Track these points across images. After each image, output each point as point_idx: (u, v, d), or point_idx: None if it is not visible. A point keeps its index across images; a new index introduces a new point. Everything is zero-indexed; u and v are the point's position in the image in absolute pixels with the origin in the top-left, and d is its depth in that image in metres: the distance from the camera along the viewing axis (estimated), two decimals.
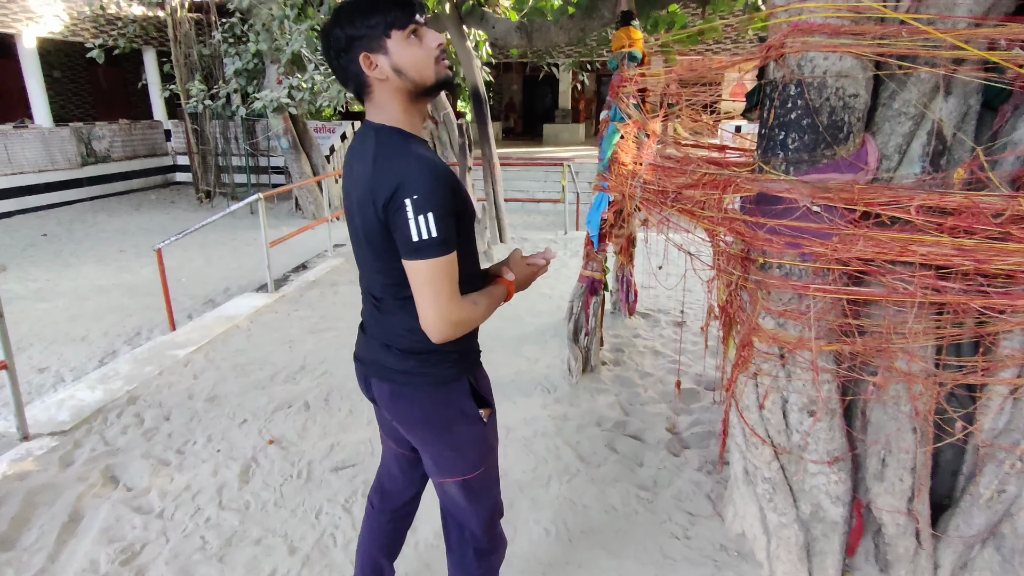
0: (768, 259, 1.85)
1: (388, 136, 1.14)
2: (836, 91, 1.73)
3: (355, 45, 1.11)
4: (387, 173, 1.07)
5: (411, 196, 1.04)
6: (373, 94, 1.15)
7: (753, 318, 1.90)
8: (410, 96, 1.15)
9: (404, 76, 1.12)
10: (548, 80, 16.93)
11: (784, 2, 1.81)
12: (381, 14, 1.09)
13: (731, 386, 1.98)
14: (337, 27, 1.12)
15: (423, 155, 1.10)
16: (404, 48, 1.10)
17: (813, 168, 1.79)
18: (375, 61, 1.11)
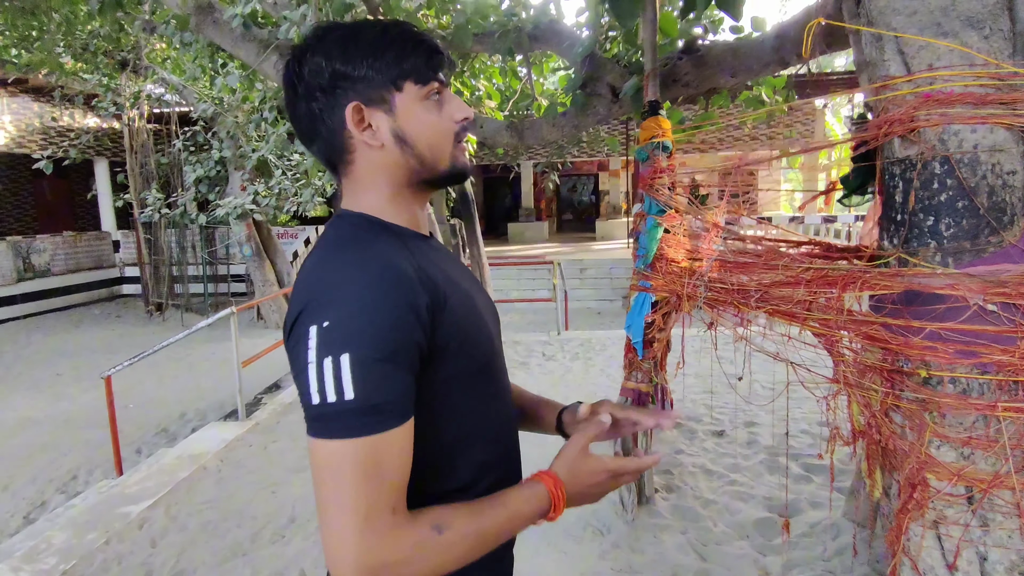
0: (933, 372, 1.48)
1: (345, 226, 0.75)
2: (992, 168, 1.45)
3: (344, 88, 0.73)
4: (302, 281, 0.70)
5: (319, 321, 0.63)
6: (353, 166, 0.77)
7: (921, 448, 1.49)
8: (408, 180, 0.77)
9: (408, 149, 0.75)
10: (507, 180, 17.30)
11: (900, 71, 1.57)
12: (397, 53, 0.73)
13: (898, 538, 1.54)
14: (321, 56, 0.73)
15: (372, 256, 0.68)
16: (417, 110, 0.75)
17: (979, 259, 1.48)
18: (371, 119, 0.74)
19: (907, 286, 1.50)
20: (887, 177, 1.63)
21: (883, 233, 1.65)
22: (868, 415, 1.65)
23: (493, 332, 0.83)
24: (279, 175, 7.88)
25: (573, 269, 10.10)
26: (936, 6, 1.50)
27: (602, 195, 17.33)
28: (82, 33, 7.42)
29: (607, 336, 6.31)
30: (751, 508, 2.75)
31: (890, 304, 1.56)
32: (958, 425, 1.46)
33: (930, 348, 1.47)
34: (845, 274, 1.69)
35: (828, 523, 2.58)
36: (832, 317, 1.73)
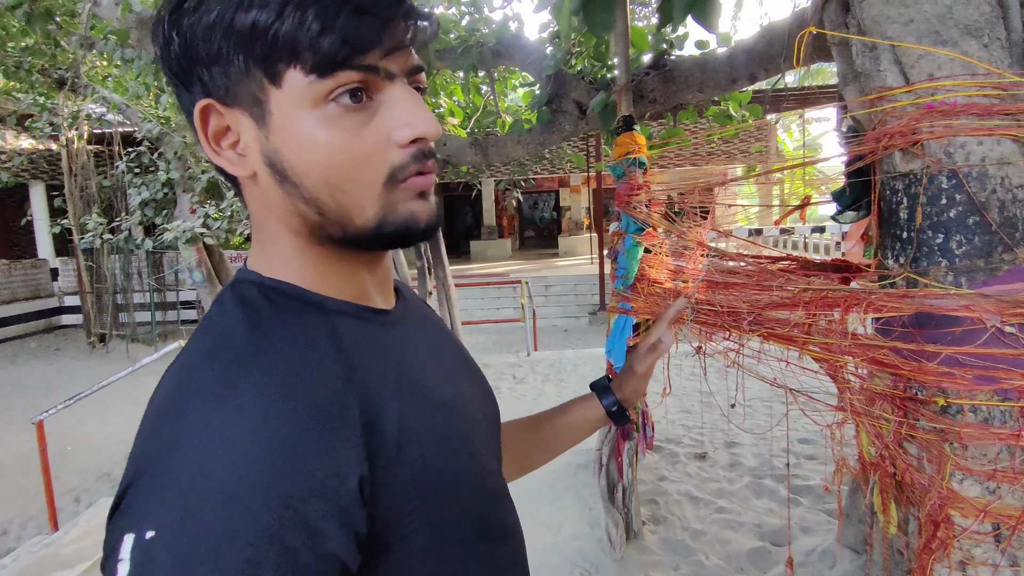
0: (951, 400, 1.39)
1: (232, 306, 0.46)
2: (1001, 182, 1.38)
3: (193, 73, 0.45)
4: (141, 431, 0.41)
5: (141, 528, 0.35)
6: (243, 196, 0.51)
7: (942, 482, 1.39)
8: (310, 232, 0.48)
9: (290, 186, 0.46)
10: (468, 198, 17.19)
11: (897, 82, 1.50)
12: (273, 19, 0.42)
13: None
14: (167, 20, 0.45)
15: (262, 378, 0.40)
16: (305, 122, 0.44)
17: (994, 278, 1.40)
18: (236, 128, 0.46)
19: (919, 308, 1.41)
20: (888, 193, 1.55)
21: (887, 252, 1.56)
22: (880, 446, 1.54)
23: (486, 456, 0.55)
24: (231, 196, 7.55)
25: (538, 286, 10.00)
26: (933, 14, 1.43)
27: (564, 211, 17.39)
28: (14, 50, 6.99)
29: (577, 356, 6.20)
30: (742, 537, 2.64)
31: (899, 327, 1.47)
32: (981, 457, 1.36)
33: (947, 374, 1.37)
34: (848, 295, 1.60)
35: (823, 550, 2.48)
36: (835, 341, 1.63)
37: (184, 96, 0.47)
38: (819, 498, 2.94)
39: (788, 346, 1.73)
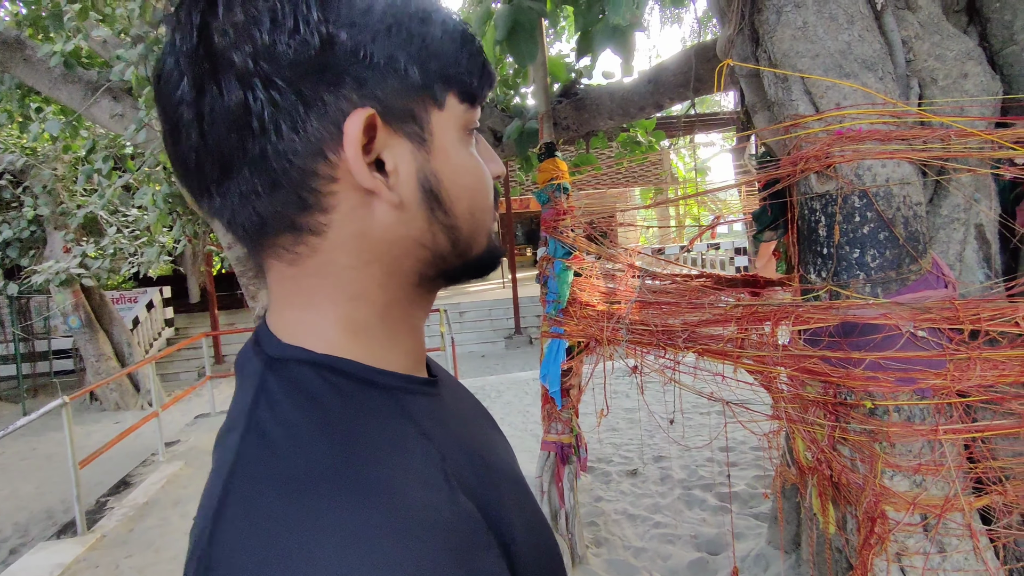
0: (878, 402, 1.49)
1: (291, 407, 0.37)
2: (904, 200, 1.53)
3: (348, 79, 0.36)
4: (227, 558, 0.31)
5: None
6: (318, 241, 0.39)
7: (875, 480, 1.49)
8: (418, 273, 0.42)
9: (441, 214, 0.41)
10: None
11: (808, 110, 1.63)
12: (447, 43, 0.40)
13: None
14: (316, 6, 0.35)
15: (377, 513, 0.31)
16: (459, 147, 0.42)
17: (904, 287, 1.53)
18: (389, 148, 0.38)
19: (843, 318, 1.52)
20: (807, 212, 1.66)
21: (809, 267, 1.67)
22: (816, 450, 1.63)
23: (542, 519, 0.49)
24: (113, 233, 6.91)
25: (452, 313, 9.91)
26: (836, 50, 1.58)
27: None
28: None
29: (499, 381, 6.17)
30: (680, 550, 2.69)
31: (826, 337, 1.57)
32: (907, 453, 1.47)
33: (872, 378, 1.48)
34: (777, 309, 1.69)
35: (757, 553, 2.58)
36: (768, 353, 1.71)
37: (281, 99, 0.35)
38: (745, 503, 3.08)
39: (723, 360, 1.80)
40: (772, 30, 1.66)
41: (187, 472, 4.29)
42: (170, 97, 0.36)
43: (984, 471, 1.46)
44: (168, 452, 4.70)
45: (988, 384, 1.44)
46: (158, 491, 3.95)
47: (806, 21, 1.60)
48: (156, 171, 4.86)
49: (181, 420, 6.40)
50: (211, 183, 0.38)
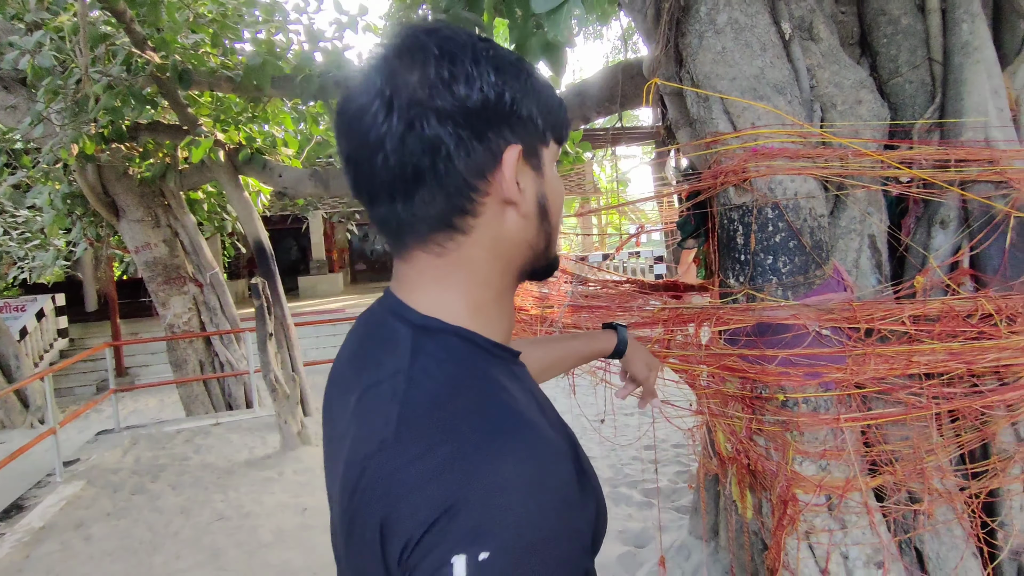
0: (789, 395, 1.64)
1: (447, 359, 0.51)
2: (809, 212, 1.69)
3: (505, 125, 0.51)
4: (426, 469, 0.44)
5: (473, 550, 0.41)
6: (466, 239, 0.53)
7: (787, 466, 1.63)
8: (520, 267, 0.57)
9: (547, 224, 0.57)
10: (292, 231, 16.27)
11: (727, 128, 1.77)
12: (553, 102, 0.56)
13: (778, 555, 1.64)
14: (490, 72, 0.51)
15: (525, 422, 0.47)
16: (554, 176, 0.58)
17: (811, 291, 1.69)
18: (522, 175, 0.53)
19: (758, 319, 1.66)
20: (726, 222, 1.80)
21: (728, 273, 1.81)
22: (735, 442, 1.77)
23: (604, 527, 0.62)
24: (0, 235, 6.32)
25: None
26: (750, 74, 1.73)
27: None
28: None
29: None
30: (609, 545, 2.80)
31: (744, 336, 1.71)
32: (814, 440, 1.63)
33: (784, 373, 1.63)
34: (700, 311, 1.82)
35: (679, 544, 2.73)
36: (692, 353, 1.84)
37: (460, 135, 0.50)
38: (668, 498, 3.24)
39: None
40: (694, 53, 1.79)
41: (89, 493, 3.98)
42: (366, 128, 0.49)
43: (878, 454, 1.64)
44: (67, 472, 4.34)
45: (881, 376, 1.62)
46: (56, 514, 3.64)
47: (724, 47, 1.75)
48: (55, 169, 4.50)
49: (79, 438, 5.93)
50: (398, 193, 0.51)
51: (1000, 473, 1.70)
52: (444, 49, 0.50)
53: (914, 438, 1.65)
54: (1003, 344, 1.59)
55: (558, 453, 0.47)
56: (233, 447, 4.62)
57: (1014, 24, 1.89)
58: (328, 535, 0.56)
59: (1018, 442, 1.69)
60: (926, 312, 1.65)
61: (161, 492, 3.81)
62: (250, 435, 4.88)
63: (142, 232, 5.25)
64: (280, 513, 3.37)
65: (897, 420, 1.65)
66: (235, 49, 4.49)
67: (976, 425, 1.69)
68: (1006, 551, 1.62)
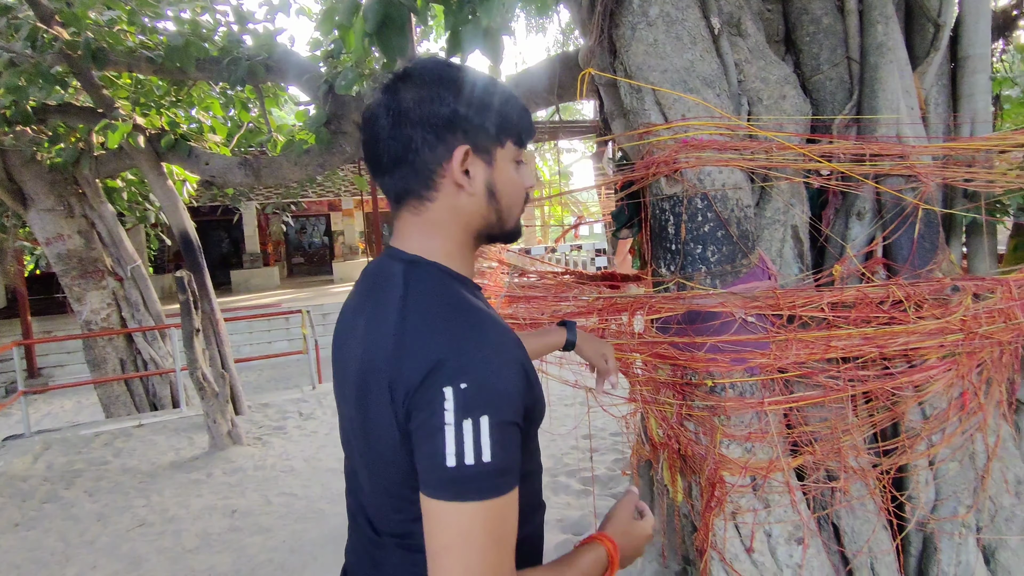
0: (717, 380, 1.69)
1: (428, 278, 0.75)
2: (736, 202, 1.74)
3: (459, 131, 0.75)
4: (421, 341, 0.68)
5: (456, 383, 0.64)
6: (432, 204, 0.78)
7: (715, 449, 1.68)
8: (479, 230, 0.81)
9: (494, 202, 0.80)
10: (225, 223, 15.58)
11: (659, 120, 1.80)
12: (511, 115, 0.79)
13: (706, 535, 1.69)
14: (443, 91, 0.75)
15: (487, 315, 0.73)
16: (509, 169, 0.81)
17: (737, 279, 1.73)
18: (470, 165, 0.77)
19: (688, 307, 1.69)
20: (658, 212, 1.83)
21: (659, 262, 1.84)
22: (666, 427, 1.81)
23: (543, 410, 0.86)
24: None
25: (315, 315, 9.47)
26: (681, 66, 1.75)
27: (336, 236, 16.79)
28: None
29: None
30: (547, 534, 2.81)
31: (675, 324, 1.74)
32: (740, 424, 1.68)
33: (712, 360, 1.67)
34: (632, 301, 1.85)
35: None
36: (625, 341, 1.86)
37: (425, 134, 0.74)
38: (605, 485, 3.29)
39: None
40: (628, 44, 1.80)
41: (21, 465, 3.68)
42: (376, 125, 0.76)
43: (799, 435, 1.71)
44: None
45: (802, 361, 1.69)
46: None
47: (656, 39, 1.77)
48: None
49: None
50: (388, 169, 0.77)
51: (908, 450, 1.80)
52: (428, 79, 0.75)
53: (832, 419, 1.73)
54: (912, 329, 1.68)
55: (516, 340, 0.72)
56: (157, 449, 4.38)
57: (924, 27, 2.00)
58: (259, 536, 0.68)
59: (924, 420, 1.80)
60: (843, 299, 1.73)
61: (76, 499, 3.57)
62: (176, 436, 4.64)
63: (53, 223, 4.89)
64: (207, 516, 3.22)
65: (817, 402, 1.72)
66: (157, 28, 4.23)
67: (887, 405, 1.78)
68: (913, 522, 1.73)
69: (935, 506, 1.77)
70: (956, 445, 1.77)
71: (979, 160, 1.93)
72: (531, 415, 0.72)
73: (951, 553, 1.72)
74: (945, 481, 1.77)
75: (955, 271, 1.93)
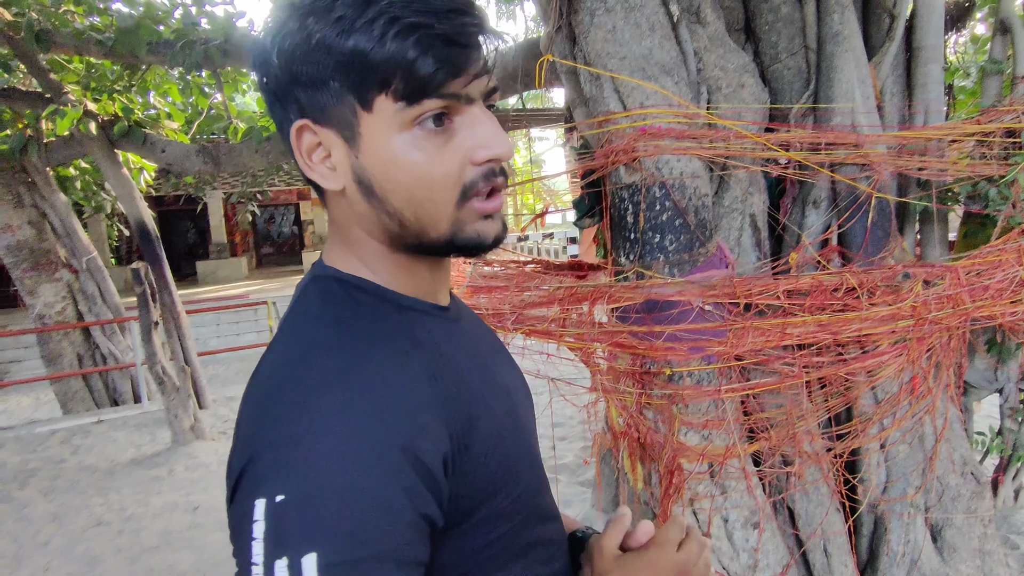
0: (675, 369, 1.69)
1: (318, 300, 0.53)
2: (695, 191, 1.74)
3: (290, 96, 0.50)
4: (247, 414, 0.47)
5: (268, 493, 0.41)
6: (327, 205, 0.56)
7: (673, 437, 1.69)
8: (390, 241, 0.53)
9: (376, 201, 0.51)
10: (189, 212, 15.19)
11: (617, 108, 1.78)
12: (371, 40, 0.45)
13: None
14: (271, 42, 0.49)
15: (358, 376, 0.46)
16: (394, 144, 0.48)
17: (695, 268, 1.74)
18: (329, 146, 0.50)
19: (647, 296, 1.70)
20: (617, 201, 1.82)
21: (619, 251, 1.84)
22: (626, 416, 1.81)
23: (532, 440, 0.62)
24: None
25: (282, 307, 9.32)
26: (639, 54, 1.74)
27: (306, 225, 16.51)
28: None
29: None
30: None
31: (634, 314, 1.75)
32: (698, 412, 1.69)
33: (670, 349, 1.68)
34: (593, 290, 1.84)
35: (582, 517, 2.80)
36: (585, 331, 1.86)
37: (279, 114, 0.51)
38: (573, 473, 3.31)
39: (547, 340, 1.92)
40: (586, 31, 1.78)
41: None
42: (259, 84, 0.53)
43: (755, 422, 1.73)
44: None
45: (758, 348, 1.71)
46: None
47: (615, 25, 1.75)
48: None
49: None
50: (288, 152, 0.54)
51: (861, 434, 1.84)
52: (265, 31, 0.50)
53: (787, 405, 1.75)
54: (864, 315, 1.71)
55: (389, 415, 0.44)
56: (117, 446, 4.27)
57: (880, 18, 2.02)
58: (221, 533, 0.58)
59: (876, 404, 1.84)
60: (799, 287, 1.75)
61: (29, 499, 3.45)
62: (137, 432, 4.52)
63: (2, 213, 4.69)
64: (168, 514, 3.14)
65: (773, 389, 1.75)
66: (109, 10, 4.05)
67: (841, 391, 1.82)
68: (865, 504, 1.77)
69: (886, 487, 1.82)
70: (906, 428, 1.82)
71: (932, 149, 1.97)
72: (457, 526, 0.49)
73: (900, 532, 1.77)
74: (895, 463, 1.82)
75: (907, 258, 1.97)
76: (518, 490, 0.54)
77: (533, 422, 0.66)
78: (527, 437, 0.59)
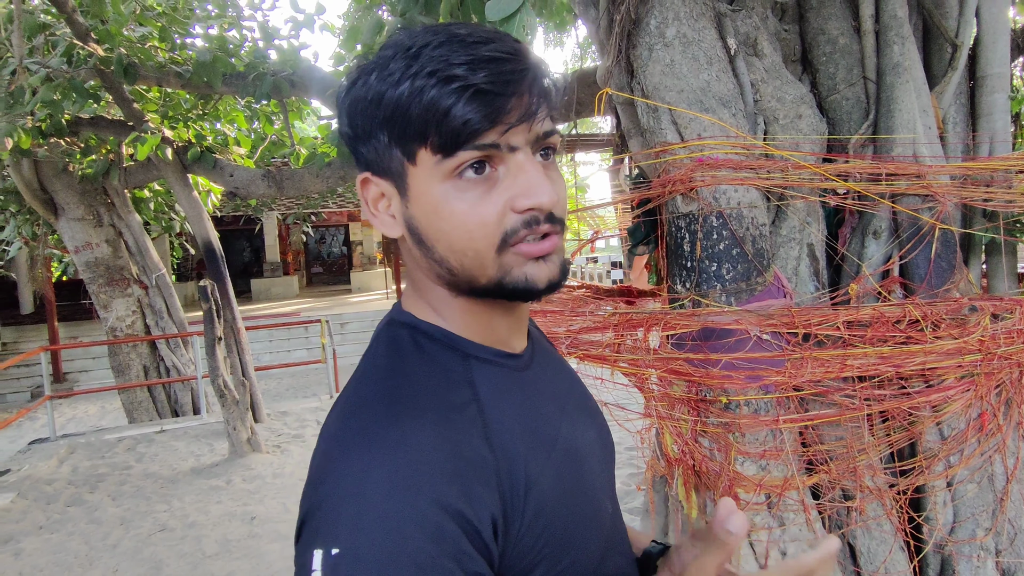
0: (731, 397, 1.70)
1: (385, 352, 0.55)
2: (752, 221, 1.76)
3: (357, 149, 0.55)
4: (315, 464, 0.50)
5: (327, 545, 0.44)
6: (400, 249, 0.59)
7: (729, 466, 1.69)
8: (448, 285, 0.55)
9: (425, 249, 0.54)
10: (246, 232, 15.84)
11: (675, 139, 1.82)
12: (414, 98, 0.48)
13: None
14: (344, 98, 0.54)
15: (405, 433, 0.47)
16: (436, 194, 0.51)
17: (752, 297, 1.75)
18: (381, 196, 0.55)
19: (703, 324, 1.71)
20: (674, 230, 1.85)
21: (675, 279, 1.86)
22: (681, 443, 1.82)
23: (601, 503, 0.58)
24: None
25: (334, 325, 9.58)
26: (697, 87, 1.78)
27: (355, 246, 16.99)
28: None
29: None
30: None
31: (689, 341, 1.76)
32: (755, 441, 1.68)
33: (727, 377, 1.68)
34: (649, 316, 1.87)
35: None
36: (641, 357, 1.88)
37: (358, 165, 0.57)
38: (621, 500, 3.29)
39: (602, 364, 1.95)
40: (645, 65, 1.84)
41: (20, 505, 3.78)
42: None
43: (814, 453, 1.71)
44: None
45: (817, 379, 1.69)
46: None
47: (673, 59, 1.80)
48: None
49: (11, 447, 5.62)
50: None
51: (926, 470, 1.79)
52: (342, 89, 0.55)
53: (847, 438, 1.72)
54: (928, 348, 1.68)
55: (422, 479, 0.45)
56: (178, 455, 4.46)
57: (942, 47, 2.01)
58: (277, 543, 0.60)
59: (942, 441, 1.79)
60: (859, 318, 1.73)
61: (99, 503, 3.65)
62: (197, 442, 4.72)
63: (83, 231, 5.03)
64: (227, 523, 3.27)
65: (832, 421, 1.72)
66: (185, 44, 4.36)
67: (904, 425, 1.78)
68: (931, 544, 1.72)
69: (953, 528, 1.76)
70: (974, 466, 1.76)
71: (998, 179, 1.93)
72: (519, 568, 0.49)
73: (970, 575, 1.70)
74: (963, 503, 1.76)
75: (973, 291, 1.92)
76: (575, 555, 0.53)
77: (607, 480, 0.63)
78: (593, 499, 0.57)
